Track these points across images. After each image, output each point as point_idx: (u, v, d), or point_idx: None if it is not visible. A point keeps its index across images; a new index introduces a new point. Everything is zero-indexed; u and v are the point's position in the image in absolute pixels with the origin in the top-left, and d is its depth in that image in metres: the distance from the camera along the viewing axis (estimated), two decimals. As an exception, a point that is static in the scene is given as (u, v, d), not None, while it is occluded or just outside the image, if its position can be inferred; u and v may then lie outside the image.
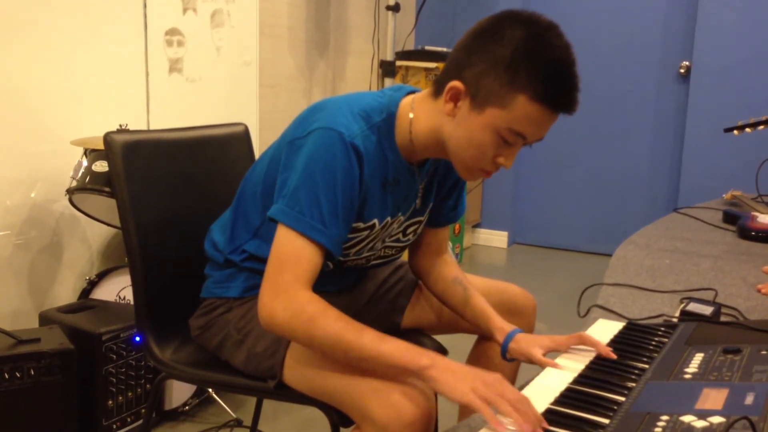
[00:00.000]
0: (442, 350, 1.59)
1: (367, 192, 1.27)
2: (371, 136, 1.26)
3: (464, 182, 1.51)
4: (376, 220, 1.33)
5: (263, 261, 1.38)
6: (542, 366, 1.20)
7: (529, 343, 1.30)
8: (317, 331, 1.14)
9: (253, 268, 1.40)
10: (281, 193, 1.23)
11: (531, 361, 1.28)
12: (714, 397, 0.93)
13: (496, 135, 1.18)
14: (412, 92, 1.34)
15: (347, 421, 1.24)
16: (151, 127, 2.67)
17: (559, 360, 1.18)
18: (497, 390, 1.00)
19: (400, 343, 1.12)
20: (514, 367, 1.56)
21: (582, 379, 1.08)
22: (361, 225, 1.31)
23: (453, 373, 1.06)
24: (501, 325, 1.39)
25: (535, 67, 1.13)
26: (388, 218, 1.36)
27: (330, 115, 1.23)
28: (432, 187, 1.44)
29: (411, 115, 1.29)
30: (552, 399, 1.01)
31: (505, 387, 1.01)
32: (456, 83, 1.19)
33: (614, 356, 1.15)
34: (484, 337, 1.57)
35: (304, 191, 1.19)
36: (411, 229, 1.46)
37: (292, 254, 1.19)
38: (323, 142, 1.20)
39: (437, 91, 1.26)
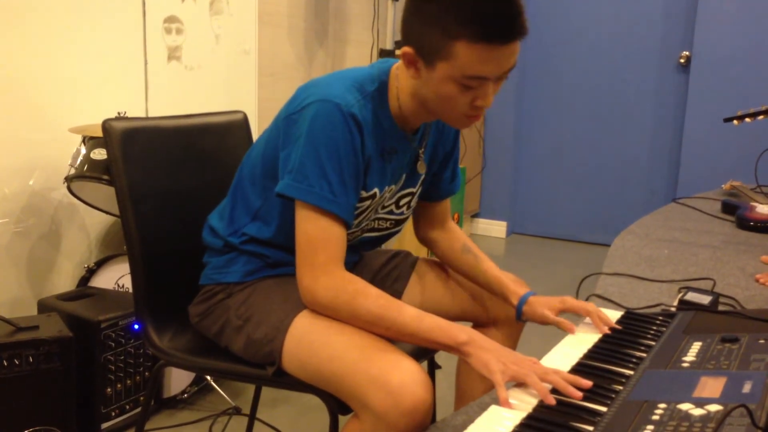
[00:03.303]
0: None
1: (369, 161, 1.30)
2: (367, 105, 1.28)
3: (457, 153, 1.56)
4: (377, 189, 1.35)
5: (263, 244, 1.39)
6: (555, 325, 1.30)
7: (542, 305, 1.39)
8: (359, 309, 1.21)
9: (252, 251, 1.41)
10: (286, 168, 1.25)
11: (544, 321, 1.37)
12: (712, 386, 0.93)
13: (457, 84, 1.19)
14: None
15: (346, 409, 1.24)
16: (150, 115, 2.66)
17: (560, 345, 1.19)
18: (527, 367, 1.05)
19: (439, 320, 1.19)
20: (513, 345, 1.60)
21: (580, 367, 1.08)
22: (364, 194, 1.33)
23: (487, 350, 1.12)
24: (515, 289, 1.46)
25: (462, 11, 1.13)
26: (387, 187, 1.38)
27: (324, 89, 1.26)
28: (425, 156, 1.47)
29: (397, 85, 1.32)
30: (549, 388, 1.01)
31: (537, 366, 1.06)
32: (406, 49, 1.23)
33: (619, 327, 1.24)
34: (478, 324, 1.59)
35: (309, 164, 1.22)
36: (404, 201, 1.47)
37: (320, 235, 1.23)
38: (321, 114, 1.22)
39: None
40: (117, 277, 2.33)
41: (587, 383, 1.00)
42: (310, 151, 1.22)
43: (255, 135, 1.80)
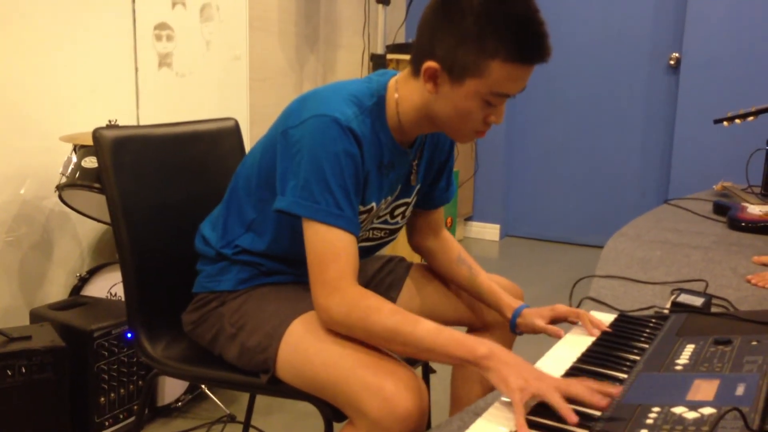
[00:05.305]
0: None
1: (367, 175, 1.29)
2: (366, 120, 1.27)
3: (452, 162, 1.55)
4: (374, 203, 1.35)
5: (256, 254, 1.38)
6: (545, 333, 1.33)
7: (533, 315, 1.41)
8: (374, 326, 1.17)
9: (246, 260, 1.40)
10: (286, 184, 1.24)
11: (536, 331, 1.40)
12: (705, 389, 0.93)
13: (481, 101, 1.22)
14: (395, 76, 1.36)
15: (340, 416, 1.24)
16: (141, 123, 2.66)
17: (554, 349, 1.20)
18: (550, 384, 0.98)
19: (456, 333, 1.15)
20: None
21: (573, 371, 1.08)
22: (362, 208, 1.32)
23: (508, 365, 1.04)
24: (509, 302, 1.48)
25: (500, 30, 1.16)
26: (383, 199, 1.38)
27: (322, 103, 1.25)
28: (419, 168, 1.46)
29: (396, 96, 1.31)
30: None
31: (560, 381, 0.98)
32: (430, 63, 1.22)
33: (610, 330, 1.25)
34: (473, 329, 1.60)
35: (313, 180, 1.20)
36: (399, 211, 1.47)
37: (329, 250, 1.20)
38: (321, 129, 1.21)
39: (416, 71, 1.28)
40: (109, 285, 2.32)
41: (615, 391, 0.95)
42: (312, 167, 1.20)
43: (247, 141, 1.80)
